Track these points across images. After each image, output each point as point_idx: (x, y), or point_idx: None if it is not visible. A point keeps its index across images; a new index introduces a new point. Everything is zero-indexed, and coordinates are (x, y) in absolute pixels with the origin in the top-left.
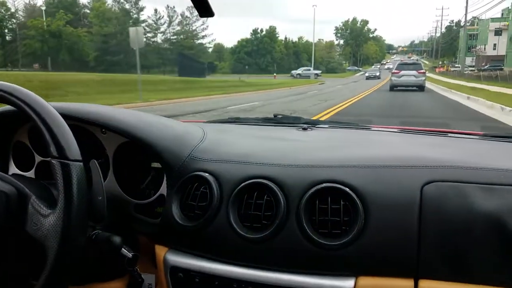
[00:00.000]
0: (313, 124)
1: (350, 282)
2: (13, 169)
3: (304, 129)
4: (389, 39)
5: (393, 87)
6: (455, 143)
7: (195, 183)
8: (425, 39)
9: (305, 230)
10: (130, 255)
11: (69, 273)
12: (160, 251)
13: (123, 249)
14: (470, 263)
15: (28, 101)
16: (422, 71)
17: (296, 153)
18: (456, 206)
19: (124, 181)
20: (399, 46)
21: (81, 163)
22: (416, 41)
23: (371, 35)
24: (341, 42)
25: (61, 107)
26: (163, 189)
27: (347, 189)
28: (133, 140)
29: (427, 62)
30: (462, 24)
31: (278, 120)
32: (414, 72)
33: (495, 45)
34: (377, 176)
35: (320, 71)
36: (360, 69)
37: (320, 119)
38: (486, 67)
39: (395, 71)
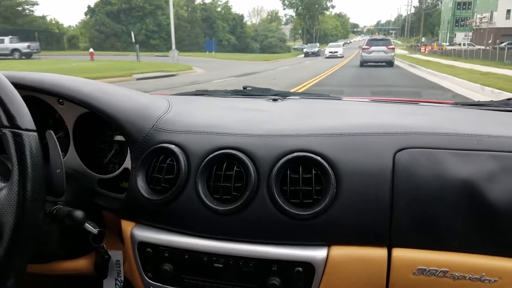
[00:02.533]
0: (284, 95)
1: (323, 251)
2: None
3: (274, 100)
4: (354, 19)
5: (363, 63)
6: (426, 111)
7: (161, 155)
8: (392, 19)
9: (276, 200)
10: (95, 231)
11: (28, 250)
12: (127, 226)
13: (88, 225)
14: (443, 231)
15: None
16: (391, 46)
17: (266, 123)
18: (429, 172)
19: (86, 155)
20: (364, 26)
21: (35, 133)
22: (383, 21)
23: (328, 4)
24: (291, 13)
25: (12, 75)
26: (127, 163)
27: (318, 157)
28: (92, 111)
29: (400, 42)
30: None
31: (247, 92)
32: (383, 48)
33: (509, 11)
34: (349, 144)
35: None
36: None
37: None
38: (503, 44)
39: (365, 47)
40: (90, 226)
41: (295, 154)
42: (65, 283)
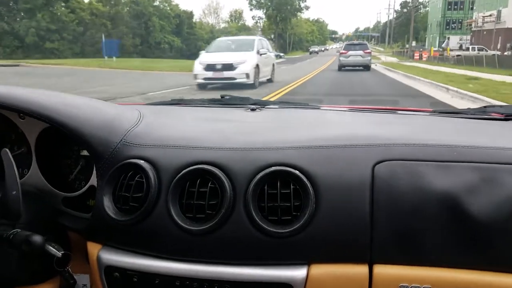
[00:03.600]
0: (262, 104)
1: (303, 271)
2: None
3: (253, 109)
4: (333, 25)
5: (341, 67)
6: (404, 120)
7: (129, 171)
8: (371, 26)
9: (253, 218)
10: (59, 254)
11: None
12: (93, 248)
13: (51, 247)
14: (425, 245)
15: None
16: (368, 51)
17: (242, 135)
18: (408, 185)
19: (50, 171)
20: (343, 34)
21: None
22: (362, 28)
23: (302, 4)
24: (260, 14)
25: None
26: (94, 180)
27: (296, 171)
28: (54, 126)
29: (382, 49)
30: None
31: (225, 101)
32: (360, 52)
33: None
34: (328, 156)
35: None
36: (281, 55)
37: None
38: None
39: (343, 51)
40: (53, 249)
41: (273, 168)
42: None
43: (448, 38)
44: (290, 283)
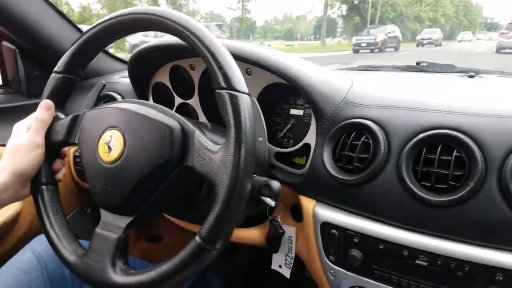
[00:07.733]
0: (474, 72)
1: None
2: None
3: (471, 76)
4: (490, 13)
5: (500, 49)
6: None
7: (353, 131)
8: None
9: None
10: (272, 203)
11: (238, 212)
12: (308, 203)
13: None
14: None
15: (193, 31)
16: None
17: (486, 102)
18: None
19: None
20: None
21: (249, 96)
22: None
23: None
24: None
25: (228, 45)
26: (308, 138)
27: None
28: (289, 82)
29: None
30: None
31: (422, 69)
32: None
33: None
34: None
35: None
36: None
37: None
38: None
39: (504, 31)
40: (268, 198)
41: None
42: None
43: None
44: None
